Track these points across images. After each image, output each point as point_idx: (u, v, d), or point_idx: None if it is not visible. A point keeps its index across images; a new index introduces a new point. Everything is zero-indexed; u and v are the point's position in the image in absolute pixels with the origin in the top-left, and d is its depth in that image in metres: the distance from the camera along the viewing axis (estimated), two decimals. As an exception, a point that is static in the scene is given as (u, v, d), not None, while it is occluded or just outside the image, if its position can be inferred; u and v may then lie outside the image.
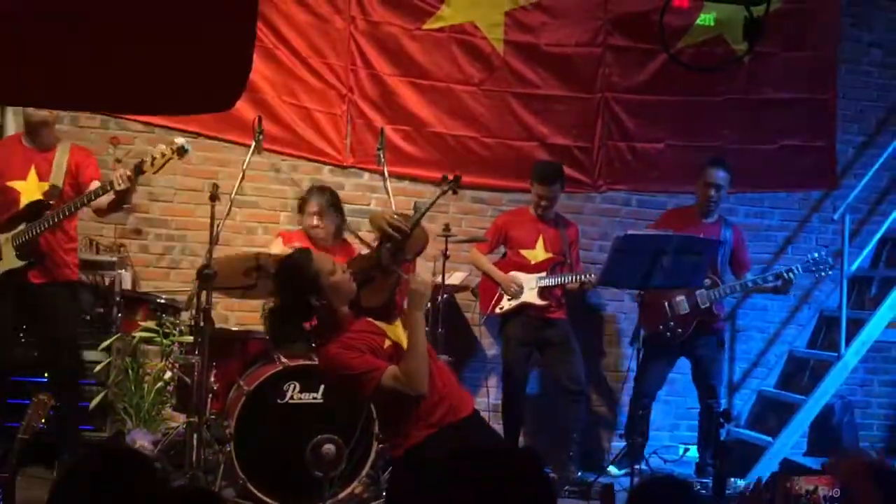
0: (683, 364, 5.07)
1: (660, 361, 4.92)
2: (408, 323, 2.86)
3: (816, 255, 4.82)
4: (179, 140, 4.00)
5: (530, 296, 4.86)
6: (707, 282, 4.72)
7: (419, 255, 3.08)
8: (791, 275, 4.70)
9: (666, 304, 4.79)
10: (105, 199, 4.04)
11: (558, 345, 4.89)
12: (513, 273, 4.90)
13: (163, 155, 3.94)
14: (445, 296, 4.67)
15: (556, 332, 4.90)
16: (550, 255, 4.92)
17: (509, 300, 4.88)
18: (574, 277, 4.84)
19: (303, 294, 2.84)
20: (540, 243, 4.93)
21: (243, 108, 5.08)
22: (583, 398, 4.95)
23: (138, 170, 3.95)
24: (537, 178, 4.91)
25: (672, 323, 4.79)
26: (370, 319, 2.91)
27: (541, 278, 4.85)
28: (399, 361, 2.82)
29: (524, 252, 4.93)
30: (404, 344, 2.86)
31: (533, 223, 4.96)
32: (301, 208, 4.71)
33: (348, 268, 2.93)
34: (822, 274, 4.85)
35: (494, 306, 4.93)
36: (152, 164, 3.94)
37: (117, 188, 3.92)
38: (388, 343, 2.87)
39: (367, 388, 2.81)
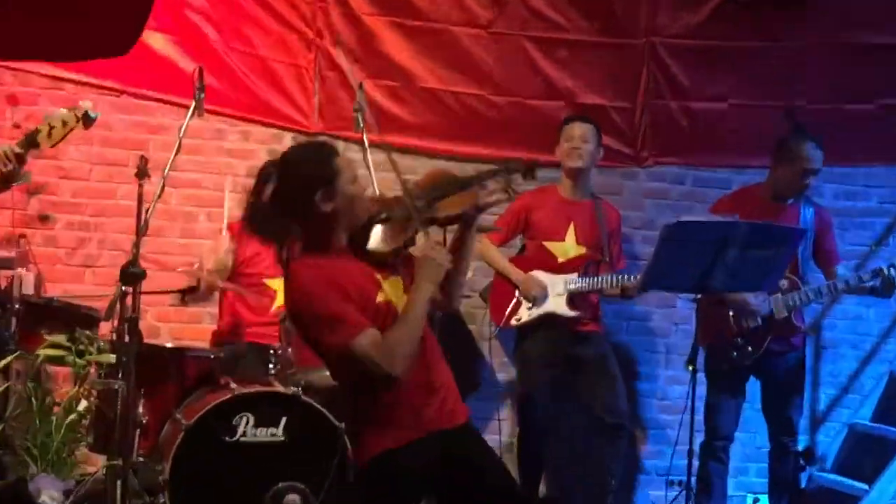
0: (751, 389, 5.04)
1: (730, 390, 4.87)
2: (412, 291, 2.90)
3: None
4: (85, 104, 3.97)
5: (557, 304, 4.84)
6: (784, 283, 4.69)
7: (448, 223, 3.07)
8: (894, 271, 4.68)
9: (731, 313, 4.77)
10: None
11: (593, 366, 4.88)
12: (535, 273, 4.89)
13: (64, 123, 3.90)
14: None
15: (590, 350, 4.90)
16: (584, 249, 4.90)
17: (529, 308, 4.87)
18: (615, 280, 4.79)
19: (311, 186, 2.87)
20: (571, 233, 4.91)
21: (179, 57, 5.09)
22: (624, 434, 4.94)
23: (30, 142, 3.90)
24: (565, 122, 4.96)
25: (740, 339, 4.77)
26: (368, 265, 2.93)
27: (571, 281, 4.84)
28: (387, 326, 2.84)
29: (550, 245, 4.92)
30: (400, 306, 2.89)
31: (562, 206, 4.94)
32: (258, 189, 4.68)
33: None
34: None
35: (510, 316, 4.90)
36: (49, 136, 3.90)
37: (2, 169, 3.89)
38: (381, 297, 2.89)
39: (333, 344, 2.80)
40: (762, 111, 5.58)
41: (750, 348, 4.75)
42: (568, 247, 4.91)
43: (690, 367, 4.37)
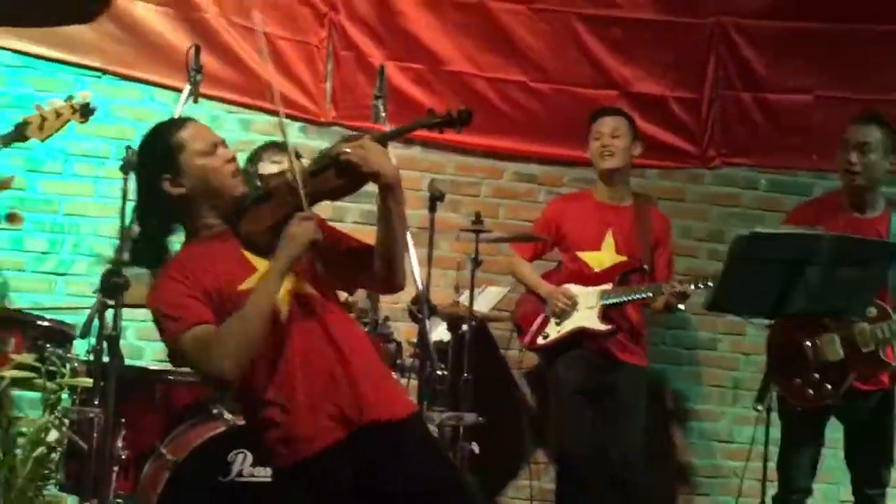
0: (832, 432, 5.01)
1: (806, 434, 4.84)
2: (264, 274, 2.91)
3: None
4: (82, 94, 3.98)
5: (587, 317, 4.87)
6: (872, 311, 4.67)
7: (339, 194, 3.04)
8: None
9: (808, 343, 4.76)
10: None
11: (620, 401, 4.91)
12: (567, 286, 4.93)
13: (58, 115, 3.92)
14: (474, 323, 4.67)
15: (623, 381, 4.91)
16: (623, 258, 4.95)
17: (558, 324, 4.92)
18: (653, 291, 4.81)
19: (155, 176, 2.93)
20: (608, 242, 4.95)
21: (172, 32, 5.13)
22: (637, 493, 4.92)
23: (18, 135, 3.91)
24: (593, 118, 5.01)
25: (817, 375, 4.75)
26: (246, 247, 2.96)
27: (605, 292, 4.89)
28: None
29: (585, 256, 4.96)
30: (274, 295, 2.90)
31: (597, 212, 4.99)
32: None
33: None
34: None
35: (537, 334, 4.96)
36: (41, 128, 3.92)
37: None
38: (246, 285, 2.90)
39: (167, 342, 2.90)
40: (852, 106, 5.55)
41: (829, 386, 4.73)
42: (604, 256, 4.95)
43: (759, 407, 4.34)
